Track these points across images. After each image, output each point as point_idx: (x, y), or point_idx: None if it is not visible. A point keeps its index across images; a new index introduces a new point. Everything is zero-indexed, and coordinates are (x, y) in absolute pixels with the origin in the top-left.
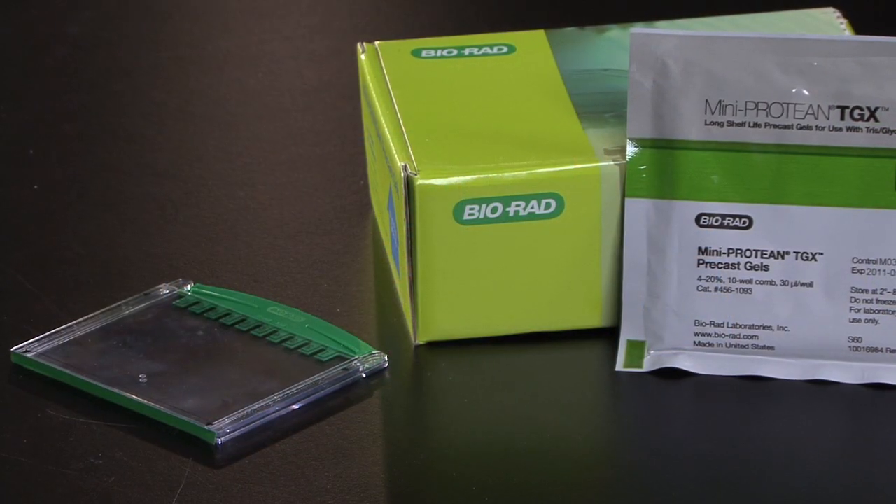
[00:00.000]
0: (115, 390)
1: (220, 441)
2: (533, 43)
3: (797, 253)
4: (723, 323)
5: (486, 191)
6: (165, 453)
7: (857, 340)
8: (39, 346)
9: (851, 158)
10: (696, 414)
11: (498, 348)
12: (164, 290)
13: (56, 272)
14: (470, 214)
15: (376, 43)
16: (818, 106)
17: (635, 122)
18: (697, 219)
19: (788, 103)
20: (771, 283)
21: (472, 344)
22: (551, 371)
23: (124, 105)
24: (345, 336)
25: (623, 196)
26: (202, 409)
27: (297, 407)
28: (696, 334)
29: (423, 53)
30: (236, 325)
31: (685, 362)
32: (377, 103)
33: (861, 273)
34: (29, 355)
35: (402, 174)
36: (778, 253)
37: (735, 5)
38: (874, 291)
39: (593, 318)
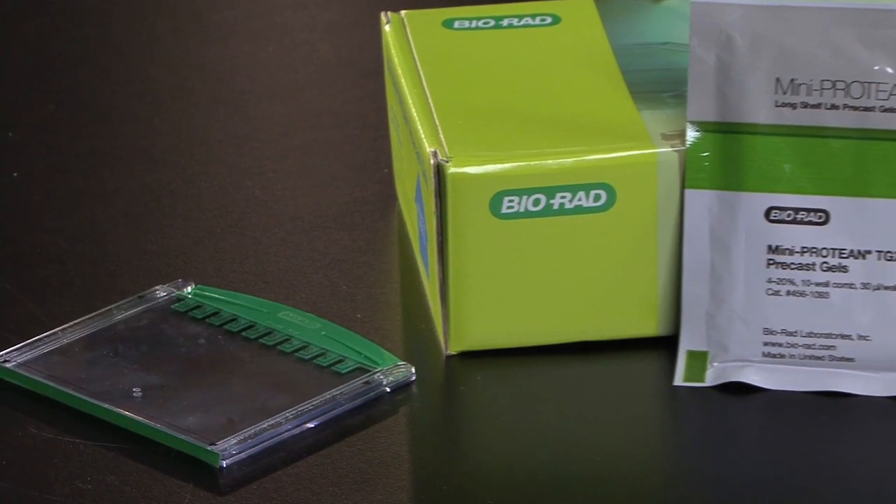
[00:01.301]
0: (106, 406)
1: (224, 463)
2: (580, 12)
3: (880, 252)
4: (795, 331)
5: (527, 180)
6: (162, 477)
7: None
8: (20, 355)
9: None
10: (764, 435)
11: (540, 360)
12: (161, 292)
13: (38, 272)
14: (509, 207)
15: (402, 12)
16: None
17: (697, 102)
18: (767, 213)
19: (870, 82)
20: (850, 286)
21: (510, 355)
22: (600, 386)
23: (116, 83)
24: (366, 345)
25: (682, 187)
26: (204, 428)
27: (313, 425)
28: (766, 344)
29: (456, 24)
30: (243, 332)
31: (753, 376)
32: (403, 81)
33: None
34: (8, 366)
35: (432, 161)
36: (858, 252)
37: None
38: None
39: (648, 325)
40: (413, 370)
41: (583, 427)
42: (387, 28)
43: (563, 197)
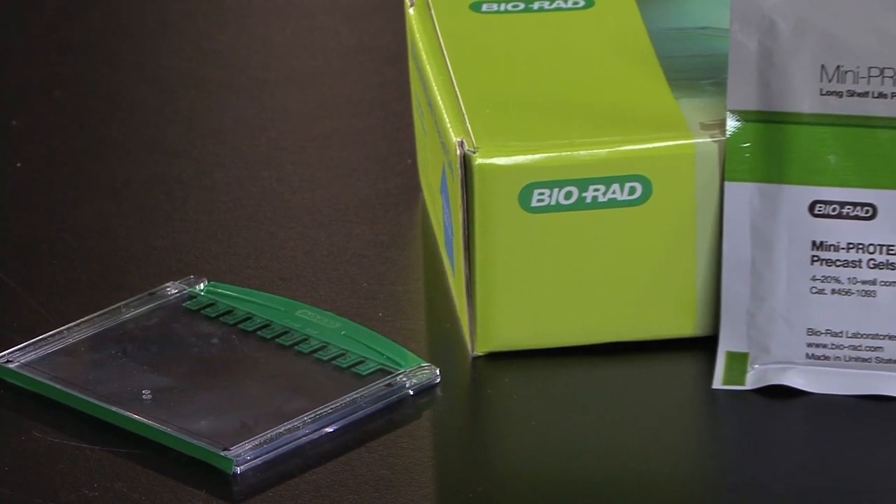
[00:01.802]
0: (114, 409)
1: (238, 470)
2: None
3: None
4: (841, 332)
5: (559, 172)
6: (173, 485)
7: None
8: (23, 355)
9: None
10: (808, 441)
11: (571, 361)
12: (171, 289)
13: (43, 268)
14: (539, 201)
15: None
16: None
17: (737, 90)
18: (811, 207)
19: None
20: None
21: (540, 356)
22: (635, 389)
23: (125, 69)
24: (388, 345)
25: (722, 179)
26: (217, 432)
27: (331, 430)
28: (810, 345)
29: (484, 7)
30: (258, 332)
31: (796, 379)
32: (428, 67)
33: None
34: (11, 366)
35: (458, 152)
36: None
37: None
38: None
39: (686, 325)
40: (437, 372)
41: (616, 432)
42: (411, 11)
43: (596, 190)
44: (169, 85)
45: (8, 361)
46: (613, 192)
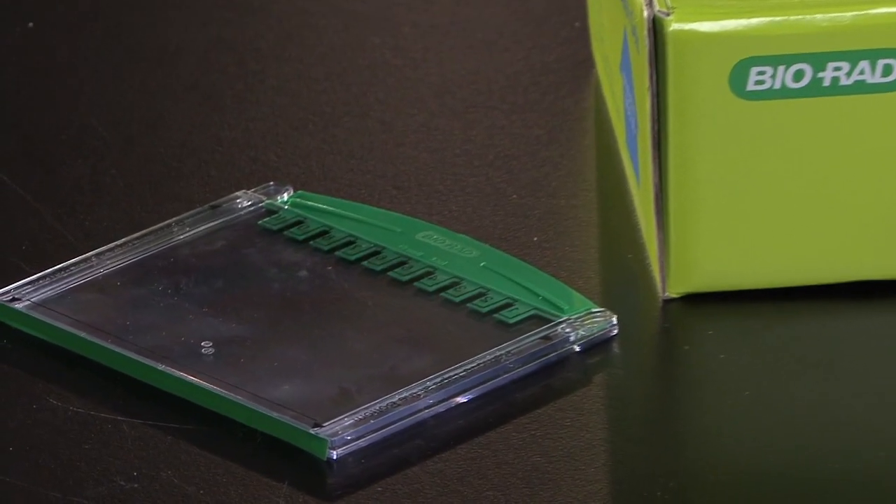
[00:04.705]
0: (161, 367)
1: (335, 454)
2: None
3: None
4: None
5: (786, 44)
6: (243, 474)
7: None
8: (36, 291)
9: None
10: None
11: (799, 308)
12: (243, 200)
13: (64, 169)
14: (758, 83)
15: None
16: None
17: None
18: None
19: None
20: None
21: (756, 300)
22: (886, 346)
23: None
24: (546, 282)
25: None
26: (305, 401)
27: (465, 400)
28: None
29: None
30: (364, 262)
31: None
32: None
33: None
34: (17, 307)
35: (646, 13)
36: None
37: None
38: None
39: None
40: (614, 320)
41: (863, 407)
42: None
43: (837, 69)
44: None
45: (14, 300)
46: (861, 73)
